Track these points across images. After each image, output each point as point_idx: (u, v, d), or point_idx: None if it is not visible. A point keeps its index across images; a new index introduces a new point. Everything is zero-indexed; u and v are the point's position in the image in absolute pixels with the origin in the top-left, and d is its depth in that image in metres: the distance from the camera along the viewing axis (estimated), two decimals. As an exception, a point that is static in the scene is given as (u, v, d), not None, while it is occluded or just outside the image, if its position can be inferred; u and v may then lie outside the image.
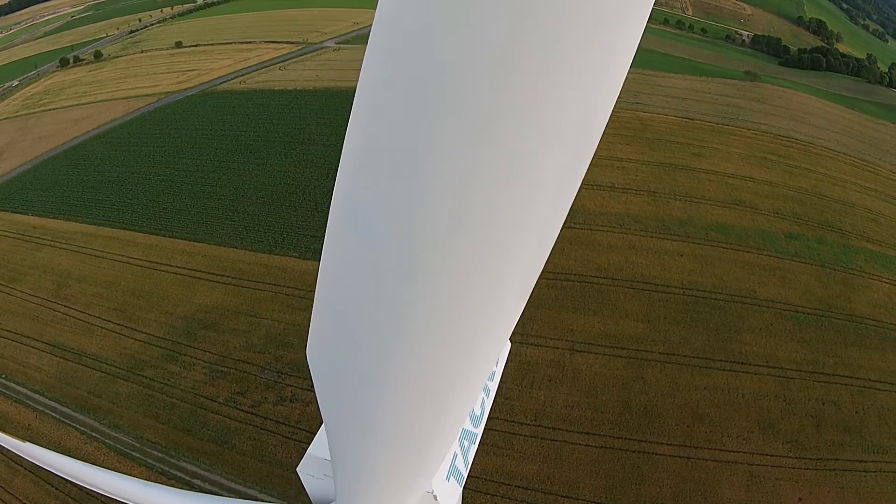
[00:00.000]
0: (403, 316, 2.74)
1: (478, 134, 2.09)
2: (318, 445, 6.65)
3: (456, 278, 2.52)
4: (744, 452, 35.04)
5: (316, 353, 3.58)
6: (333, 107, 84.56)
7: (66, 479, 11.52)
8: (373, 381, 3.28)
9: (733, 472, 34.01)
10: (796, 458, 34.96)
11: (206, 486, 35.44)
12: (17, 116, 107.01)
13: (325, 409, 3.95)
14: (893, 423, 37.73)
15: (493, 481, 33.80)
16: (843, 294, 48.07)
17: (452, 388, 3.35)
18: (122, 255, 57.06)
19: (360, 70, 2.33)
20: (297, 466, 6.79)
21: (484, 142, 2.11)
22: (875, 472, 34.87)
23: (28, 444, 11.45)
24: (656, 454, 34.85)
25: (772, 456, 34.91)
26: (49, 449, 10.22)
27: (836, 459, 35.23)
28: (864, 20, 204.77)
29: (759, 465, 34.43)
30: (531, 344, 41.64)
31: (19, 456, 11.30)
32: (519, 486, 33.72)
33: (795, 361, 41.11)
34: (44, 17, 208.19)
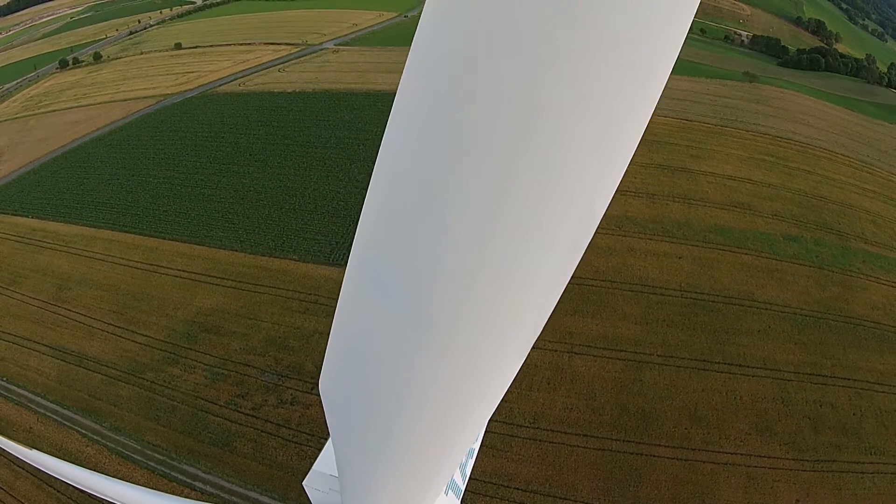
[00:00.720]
0: (413, 363, 3.06)
1: (490, 211, 2.38)
2: (324, 462, 6.80)
3: (464, 336, 2.86)
4: (741, 454, 35.23)
5: (329, 384, 3.90)
6: (332, 108, 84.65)
7: (69, 484, 11.64)
8: (383, 417, 3.59)
9: (731, 473, 34.21)
10: (794, 459, 35.14)
11: (208, 488, 35.61)
12: (16, 118, 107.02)
13: (336, 437, 4.23)
14: (891, 424, 37.90)
15: (491, 483, 33.99)
16: (842, 296, 48.24)
17: (458, 424, 3.66)
18: (123, 258, 57.18)
19: (358, 72, 2.56)
20: (302, 480, 6.95)
21: (496, 219, 2.40)
22: (872, 473, 35.04)
23: (34, 451, 11.60)
24: (654, 456, 35.05)
25: (769, 458, 35.10)
26: (52, 454, 10.37)
27: (834, 461, 35.41)
28: (864, 20, 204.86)
29: (756, 466, 34.62)
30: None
31: (21, 458, 11.42)
32: (518, 489, 33.92)
33: (793, 363, 41.29)
34: (43, 18, 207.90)
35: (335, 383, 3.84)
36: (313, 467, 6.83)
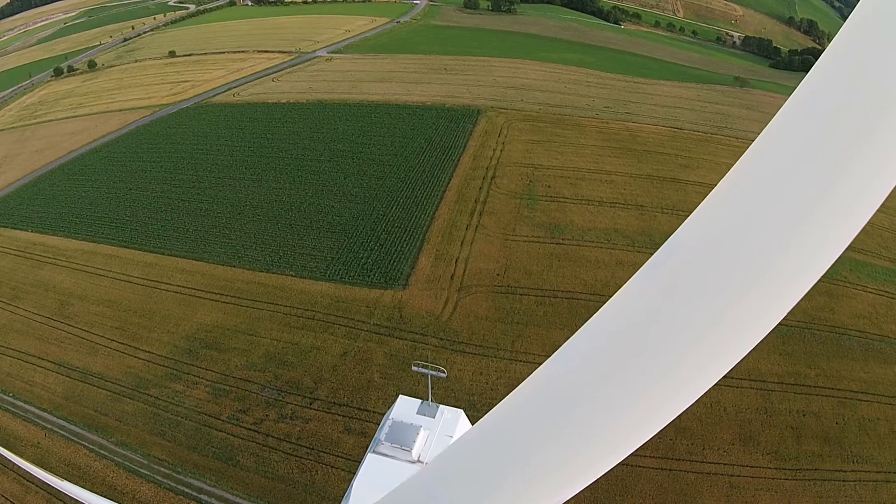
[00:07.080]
0: None
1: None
2: None
3: None
4: (724, 464, 36.24)
5: None
6: (326, 119, 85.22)
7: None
8: None
9: (714, 483, 35.28)
10: (776, 469, 36.08)
11: (213, 501, 36.60)
12: (12, 128, 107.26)
13: None
14: (873, 433, 38.52)
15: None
16: (827, 305, 49.06)
17: None
18: (123, 274, 57.89)
19: (351, 81, 3.65)
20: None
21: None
22: (854, 481, 35.73)
23: (65, 482, 12.78)
24: (639, 466, 36.01)
25: (752, 467, 36.09)
26: (61, 470, 11.54)
27: (816, 470, 36.24)
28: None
29: (739, 476, 35.62)
30: (520, 361, 43.02)
31: (30, 472, 12.47)
32: (509, 500, 34.95)
33: (777, 374, 42.30)
34: (37, 23, 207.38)
35: None
36: None
